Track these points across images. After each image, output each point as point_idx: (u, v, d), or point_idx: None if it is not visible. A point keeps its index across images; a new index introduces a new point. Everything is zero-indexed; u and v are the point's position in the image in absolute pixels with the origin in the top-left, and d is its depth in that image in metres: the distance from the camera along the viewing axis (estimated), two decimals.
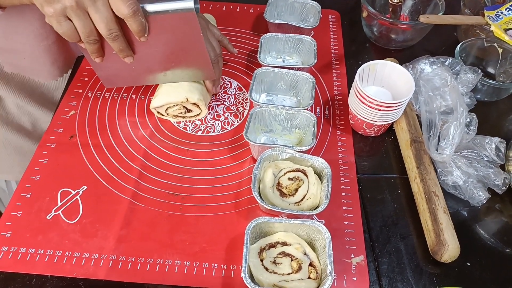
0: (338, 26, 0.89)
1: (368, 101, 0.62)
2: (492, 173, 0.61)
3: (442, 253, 0.53)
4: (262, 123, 0.66)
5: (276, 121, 0.66)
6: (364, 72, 0.66)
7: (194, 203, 0.61)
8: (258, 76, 0.70)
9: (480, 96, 0.74)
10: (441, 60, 0.71)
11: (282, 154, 0.61)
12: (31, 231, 0.57)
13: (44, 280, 0.53)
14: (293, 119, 0.65)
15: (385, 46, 0.85)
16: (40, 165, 0.64)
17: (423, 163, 0.62)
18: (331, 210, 0.60)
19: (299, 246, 0.53)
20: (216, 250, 0.56)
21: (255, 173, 0.57)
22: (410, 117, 0.68)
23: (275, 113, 0.65)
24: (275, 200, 0.57)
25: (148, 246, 0.56)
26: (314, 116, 0.63)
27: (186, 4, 0.51)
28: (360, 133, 0.70)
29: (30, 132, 0.79)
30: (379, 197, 0.63)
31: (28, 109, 0.77)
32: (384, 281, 0.54)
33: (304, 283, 0.50)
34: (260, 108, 0.65)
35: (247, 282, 0.48)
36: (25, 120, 0.78)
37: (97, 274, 0.54)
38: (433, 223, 0.55)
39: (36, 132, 0.80)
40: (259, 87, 0.71)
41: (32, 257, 0.55)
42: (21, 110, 0.76)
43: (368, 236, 0.59)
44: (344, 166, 0.66)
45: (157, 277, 0.54)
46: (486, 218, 0.61)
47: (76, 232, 0.57)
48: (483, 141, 0.63)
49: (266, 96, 0.73)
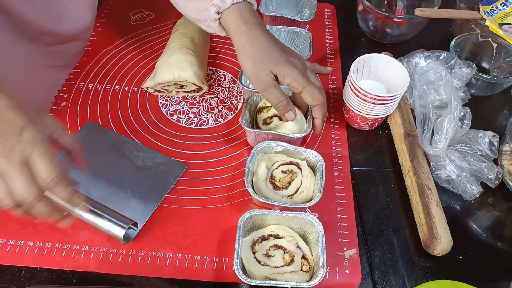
0: (334, 20, 0.89)
1: (363, 94, 0.62)
2: (485, 167, 0.61)
3: (435, 246, 0.53)
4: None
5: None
6: (359, 66, 0.66)
7: (187, 195, 0.60)
8: None
9: (474, 91, 0.74)
10: (435, 54, 0.71)
11: (276, 147, 0.60)
12: (21, 223, 0.56)
13: (33, 273, 0.52)
14: None
15: (380, 41, 0.85)
16: None
17: (416, 156, 0.61)
18: (324, 203, 0.60)
19: (292, 239, 0.53)
20: (208, 243, 0.56)
21: (248, 166, 0.57)
22: (404, 111, 0.68)
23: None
24: (268, 193, 0.57)
25: (140, 238, 0.56)
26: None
27: (118, 233, 0.52)
28: (354, 127, 0.70)
29: None
30: (372, 191, 0.62)
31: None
32: (376, 274, 0.54)
33: (297, 276, 0.50)
34: (257, 96, 0.65)
35: (239, 275, 0.47)
36: None
37: (88, 266, 0.53)
38: (426, 216, 0.55)
39: None
40: None
41: (21, 249, 0.54)
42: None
43: (361, 229, 0.58)
44: (338, 160, 0.66)
45: (148, 269, 0.53)
46: (479, 212, 0.61)
47: None
48: (476, 135, 0.63)
49: None
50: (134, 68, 0.76)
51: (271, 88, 0.56)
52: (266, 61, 0.56)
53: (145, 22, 0.85)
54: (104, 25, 0.84)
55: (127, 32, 0.82)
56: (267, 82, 0.56)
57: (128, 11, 0.87)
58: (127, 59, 0.77)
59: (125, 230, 0.52)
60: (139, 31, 0.83)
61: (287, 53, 0.58)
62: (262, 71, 0.56)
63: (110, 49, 0.79)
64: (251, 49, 0.56)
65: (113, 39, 0.81)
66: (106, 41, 0.80)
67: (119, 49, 0.79)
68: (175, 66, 0.68)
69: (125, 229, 0.52)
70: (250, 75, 0.57)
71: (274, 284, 0.48)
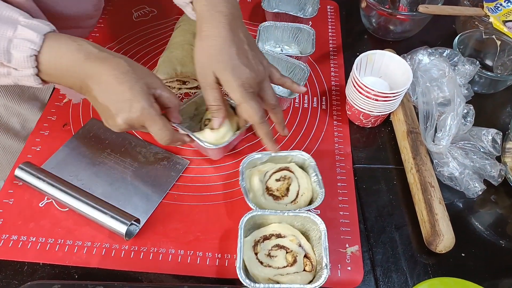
0: (336, 17, 0.88)
1: (366, 91, 0.62)
2: (488, 164, 0.60)
3: (437, 243, 0.53)
4: None
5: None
6: (362, 62, 0.66)
7: (189, 192, 0.60)
8: None
9: (478, 88, 0.74)
10: (439, 51, 0.71)
11: (261, 157, 0.59)
12: (23, 218, 0.56)
13: (35, 268, 0.52)
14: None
15: (383, 38, 0.84)
16: (33, 153, 0.63)
17: (419, 154, 0.61)
18: (327, 200, 0.59)
19: (294, 238, 0.53)
20: (210, 239, 0.56)
21: (242, 185, 0.55)
22: (407, 108, 0.67)
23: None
24: (270, 206, 0.55)
25: (142, 234, 0.56)
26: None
27: (120, 229, 0.53)
28: (357, 123, 0.70)
29: (18, 132, 0.76)
30: (374, 188, 0.62)
31: (17, 109, 0.74)
32: (378, 271, 0.54)
33: (300, 276, 0.49)
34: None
35: (242, 279, 0.47)
36: (14, 121, 0.74)
37: (90, 262, 0.53)
38: (428, 213, 0.55)
39: (26, 132, 0.76)
40: None
41: (23, 244, 0.54)
42: (9, 111, 0.73)
43: (363, 226, 0.58)
44: (340, 157, 0.65)
45: (150, 265, 0.53)
46: (481, 209, 0.61)
47: (68, 220, 0.56)
48: (479, 132, 0.62)
49: None
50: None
51: (209, 89, 0.54)
52: (213, 61, 0.52)
53: (148, 18, 0.85)
54: (107, 21, 0.84)
55: (130, 29, 0.82)
56: (208, 81, 0.54)
57: (130, 8, 0.87)
58: (129, 56, 0.77)
59: (127, 226, 0.52)
60: (142, 27, 0.83)
61: (243, 57, 0.53)
62: (207, 69, 0.53)
63: (113, 45, 0.79)
64: (205, 41, 0.53)
65: (115, 36, 0.81)
66: (109, 38, 0.80)
67: (122, 45, 0.79)
68: (178, 62, 0.68)
69: (127, 225, 0.52)
70: (196, 67, 0.54)
71: (278, 287, 0.47)
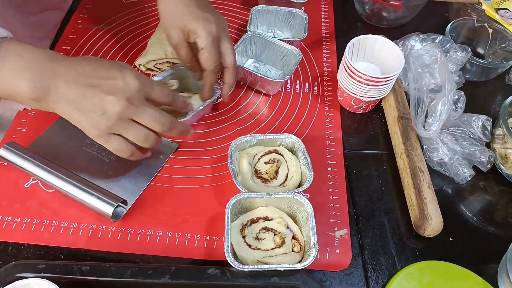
0: (330, 3, 0.88)
1: (357, 76, 0.61)
2: (478, 150, 0.61)
3: (426, 227, 0.53)
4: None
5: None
6: (354, 46, 0.65)
7: (178, 174, 0.60)
8: (246, 39, 0.70)
9: (469, 76, 0.74)
10: (431, 37, 0.71)
11: (250, 140, 0.59)
12: (8, 199, 0.55)
13: (20, 248, 0.52)
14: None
15: (377, 24, 0.84)
16: (19, 133, 0.62)
17: (409, 139, 0.61)
18: (317, 185, 0.59)
19: (281, 220, 0.52)
20: (199, 221, 0.55)
21: (231, 167, 0.55)
22: (399, 94, 0.67)
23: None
24: (259, 189, 0.55)
25: (130, 216, 0.55)
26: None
27: (107, 210, 0.52)
28: (348, 109, 0.69)
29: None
30: (365, 173, 0.62)
31: None
32: (366, 254, 0.54)
33: (288, 257, 0.49)
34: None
35: (230, 261, 0.47)
36: None
37: (76, 243, 0.52)
38: (417, 197, 0.55)
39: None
40: (247, 51, 0.72)
41: (8, 225, 0.53)
42: None
43: (352, 210, 0.58)
44: (331, 142, 0.65)
45: (138, 247, 0.53)
46: (470, 195, 0.61)
47: (54, 201, 0.55)
48: (470, 118, 0.63)
49: (253, 62, 0.73)
50: (126, 46, 0.75)
51: (183, 47, 0.58)
52: (180, 16, 0.56)
53: (138, 0, 0.83)
54: (96, 2, 0.82)
55: (120, 11, 0.80)
56: (179, 39, 0.57)
57: None
58: (119, 37, 0.76)
59: (113, 207, 0.52)
60: (132, 9, 0.81)
61: (204, 10, 0.57)
62: (176, 27, 0.56)
63: (102, 26, 0.77)
64: (168, 3, 0.57)
65: (105, 17, 0.79)
66: (98, 19, 0.78)
67: (111, 27, 0.77)
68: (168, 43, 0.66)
69: (113, 207, 0.52)
70: (165, 28, 0.58)
71: (267, 268, 0.47)
